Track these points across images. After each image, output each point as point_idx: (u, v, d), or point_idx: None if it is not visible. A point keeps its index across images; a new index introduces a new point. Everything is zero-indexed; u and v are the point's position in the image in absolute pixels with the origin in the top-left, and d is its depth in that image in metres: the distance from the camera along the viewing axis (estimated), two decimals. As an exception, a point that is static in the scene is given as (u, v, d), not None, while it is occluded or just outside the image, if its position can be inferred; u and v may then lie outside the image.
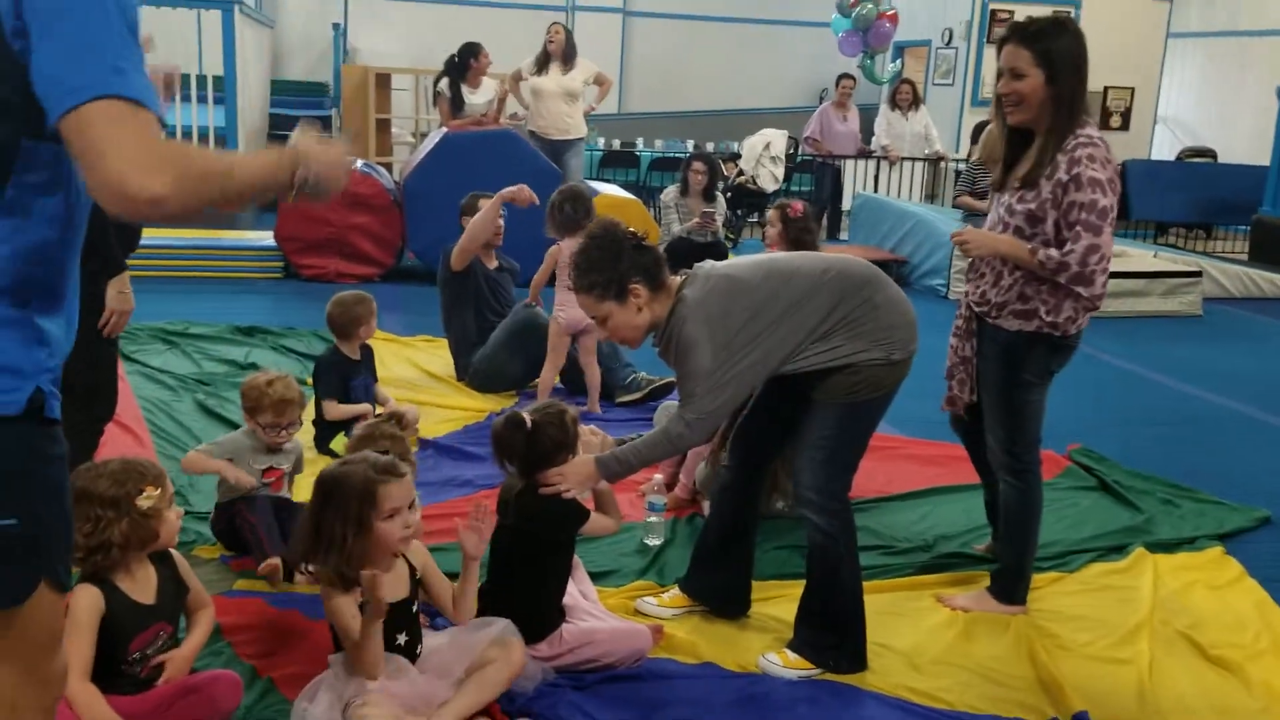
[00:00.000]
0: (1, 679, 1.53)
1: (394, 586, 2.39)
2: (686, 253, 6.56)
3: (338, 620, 2.34)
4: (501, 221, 5.14)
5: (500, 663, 2.45)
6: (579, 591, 2.95)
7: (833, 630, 2.80)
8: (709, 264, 2.80)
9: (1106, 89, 12.55)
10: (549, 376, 4.88)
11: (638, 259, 2.69)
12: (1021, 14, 11.64)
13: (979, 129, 8.79)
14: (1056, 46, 2.87)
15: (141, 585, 2.35)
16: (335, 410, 4.16)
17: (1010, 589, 3.17)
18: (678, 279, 2.76)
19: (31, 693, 1.56)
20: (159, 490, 2.32)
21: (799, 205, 4.52)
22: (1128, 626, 3.11)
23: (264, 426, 3.22)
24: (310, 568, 2.44)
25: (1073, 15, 12.02)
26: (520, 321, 5.11)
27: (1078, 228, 2.83)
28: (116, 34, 1.38)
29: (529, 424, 2.67)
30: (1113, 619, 3.16)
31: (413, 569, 2.48)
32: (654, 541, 3.51)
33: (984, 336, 3.09)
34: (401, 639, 2.41)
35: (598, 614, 2.88)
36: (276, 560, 2.97)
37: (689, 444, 2.87)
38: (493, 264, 5.28)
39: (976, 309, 3.10)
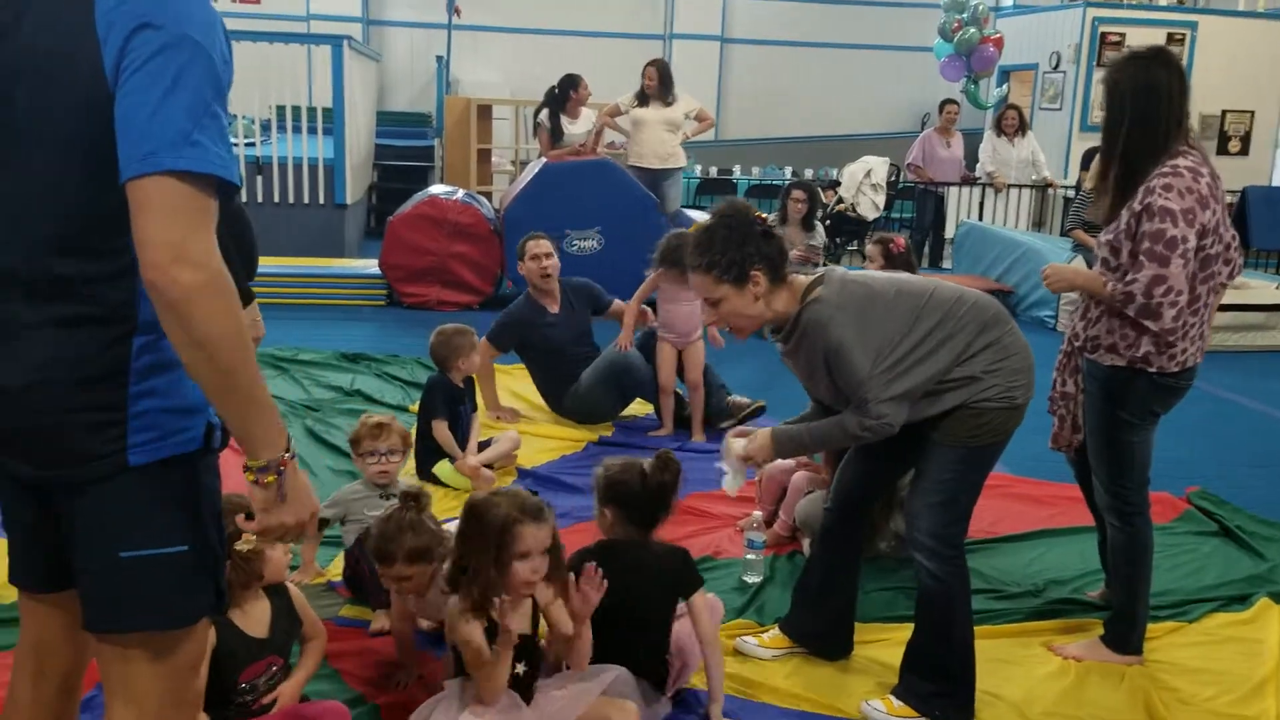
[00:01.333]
0: (153, 699, 1.56)
1: (518, 620, 2.38)
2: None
3: (469, 644, 2.33)
4: (553, 262, 5.11)
5: None
6: None
7: (941, 678, 2.71)
8: (840, 268, 2.75)
9: (1224, 113, 12.12)
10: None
11: (763, 246, 2.60)
12: (1133, 35, 11.36)
13: (1089, 155, 8.54)
14: (1110, 80, 2.92)
15: (254, 619, 2.40)
16: (441, 432, 4.24)
17: (1123, 637, 3.05)
18: (804, 279, 2.67)
19: (172, 714, 1.59)
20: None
21: (901, 240, 4.48)
22: (1253, 681, 2.96)
23: (363, 455, 3.29)
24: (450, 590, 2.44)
25: (1188, 37, 11.66)
26: (614, 363, 5.06)
27: (1141, 257, 2.77)
28: (204, 96, 1.36)
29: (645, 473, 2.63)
30: (1236, 672, 3.02)
31: (535, 603, 2.46)
32: (752, 579, 3.47)
33: (1086, 373, 3.03)
34: (520, 668, 2.40)
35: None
36: (385, 624, 2.97)
37: (882, 435, 2.64)
38: (555, 309, 5.16)
39: (1076, 344, 3.05)
